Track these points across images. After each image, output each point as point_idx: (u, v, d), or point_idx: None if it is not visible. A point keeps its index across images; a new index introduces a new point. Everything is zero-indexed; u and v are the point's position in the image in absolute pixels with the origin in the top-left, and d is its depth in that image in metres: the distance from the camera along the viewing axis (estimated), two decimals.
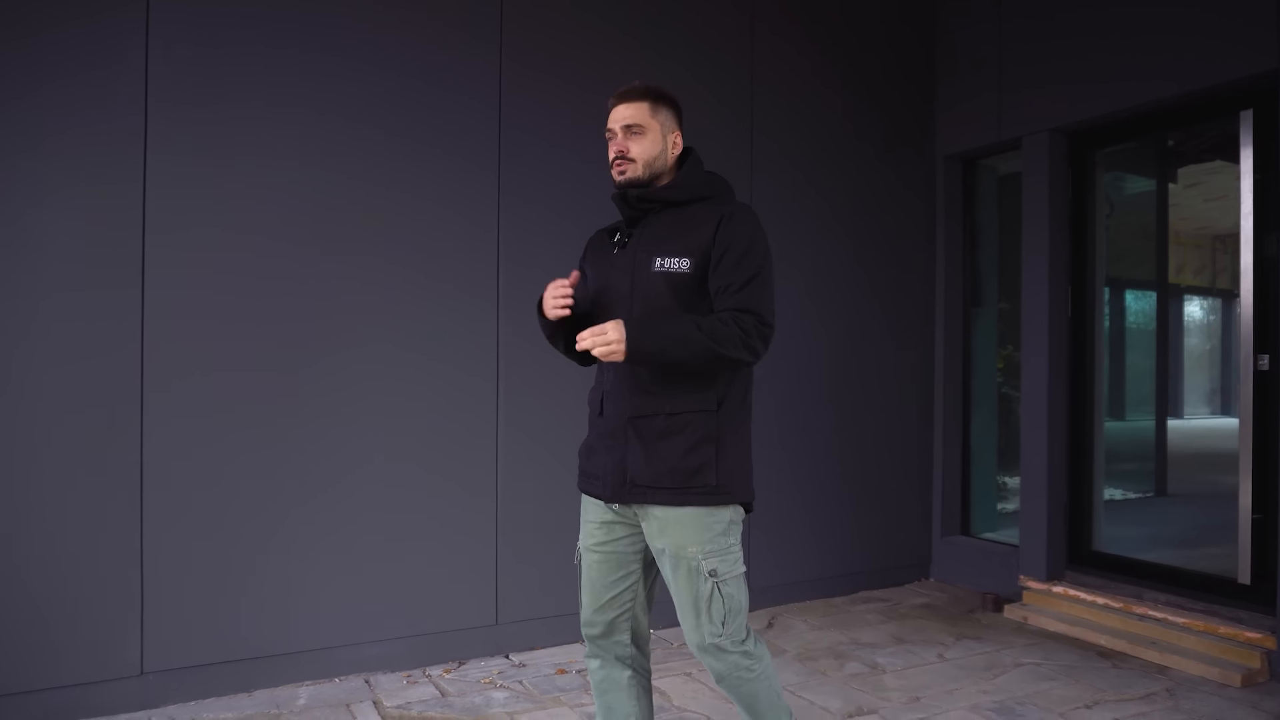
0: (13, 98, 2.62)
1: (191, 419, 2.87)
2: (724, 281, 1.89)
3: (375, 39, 3.16)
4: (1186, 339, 5.53)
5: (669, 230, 1.95)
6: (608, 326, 1.79)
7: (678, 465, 1.88)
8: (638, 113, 1.98)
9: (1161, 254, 5.70)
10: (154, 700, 2.82)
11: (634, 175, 1.98)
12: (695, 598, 1.87)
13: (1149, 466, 6.10)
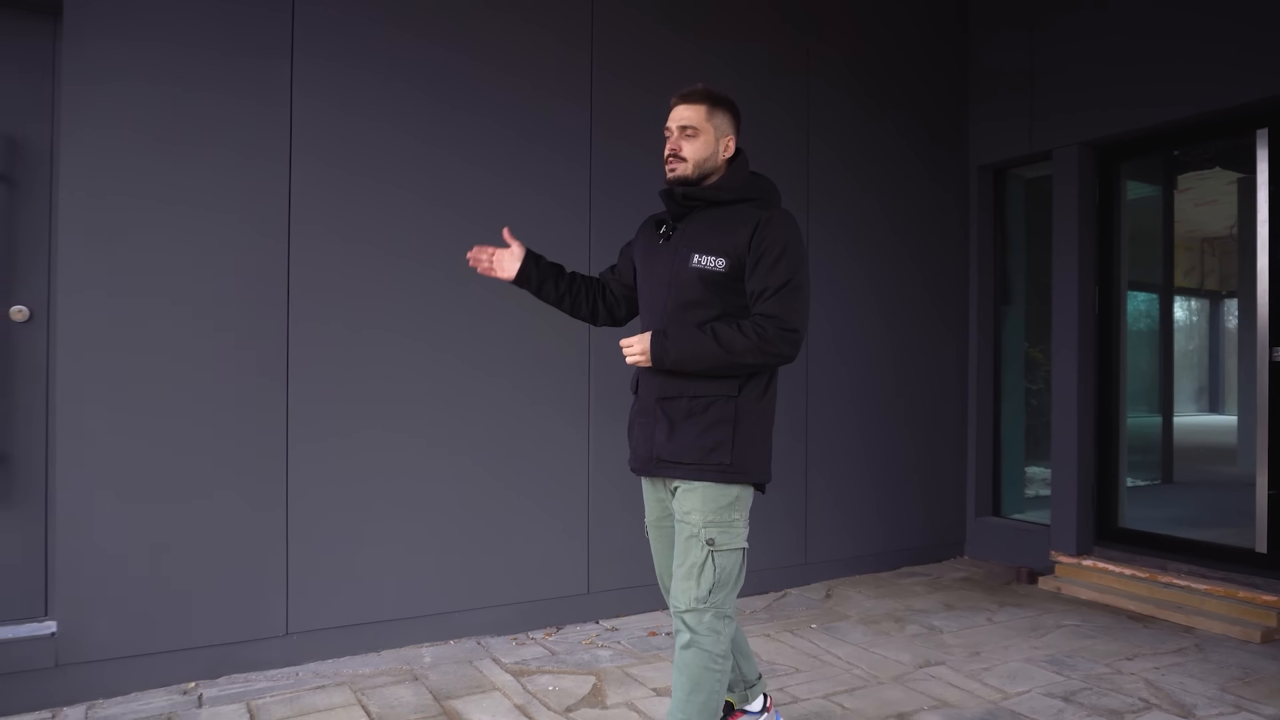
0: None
1: (329, 404, 3.18)
2: (758, 287, 2.03)
3: (484, 39, 3.47)
4: (1175, 339, 5.88)
5: (709, 229, 2.08)
6: (634, 340, 2.05)
7: (695, 443, 2.04)
8: (694, 115, 2.11)
9: (1167, 257, 6.12)
10: (297, 658, 3.13)
11: (683, 173, 2.12)
12: (690, 563, 2.02)
13: (1152, 458, 6.53)
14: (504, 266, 2.28)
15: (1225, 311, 10.59)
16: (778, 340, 1.99)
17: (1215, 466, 7.59)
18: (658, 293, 2.14)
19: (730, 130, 2.16)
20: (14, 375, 2.82)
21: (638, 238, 2.32)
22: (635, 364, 2.06)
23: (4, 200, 2.80)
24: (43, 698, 2.73)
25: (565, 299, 2.33)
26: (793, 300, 2.01)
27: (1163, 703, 2.84)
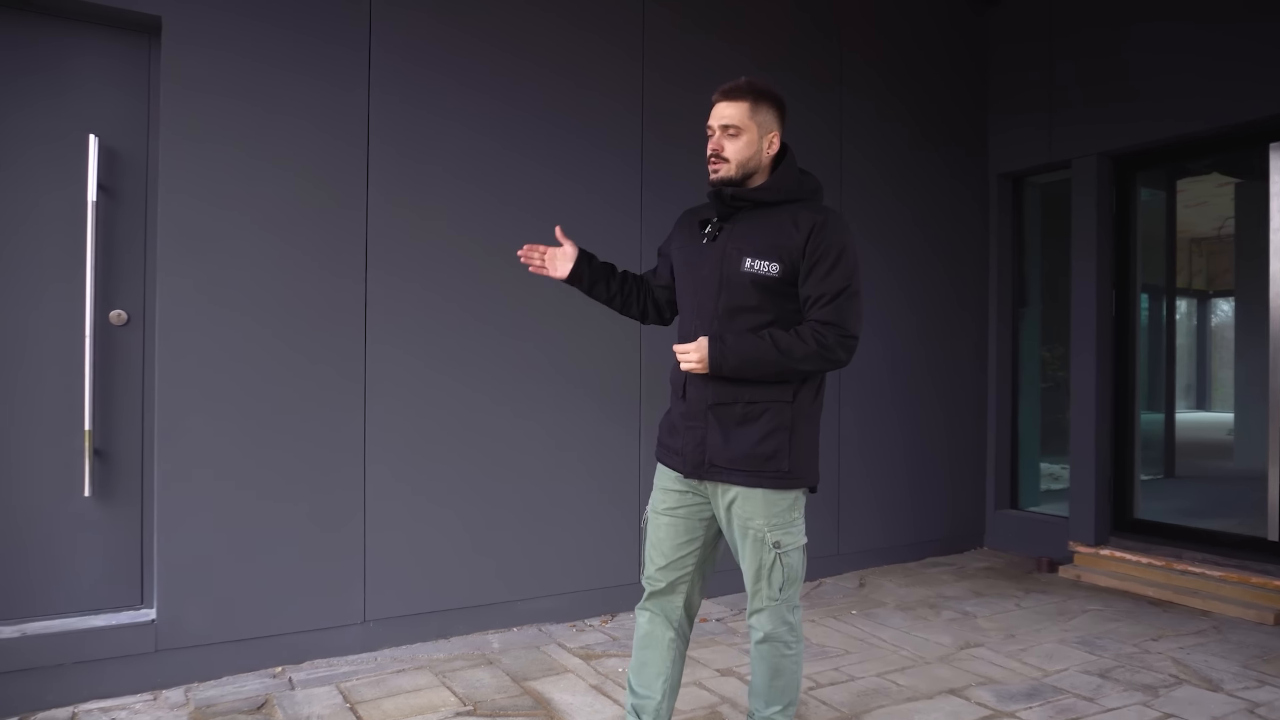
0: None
1: (403, 407, 3.34)
2: (814, 292, 1.99)
3: (544, 46, 3.64)
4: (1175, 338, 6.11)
5: (760, 230, 2.03)
6: (690, 347, 2.00)
7: (753, 451, 2.00)
8: (737, 113, 2.03)
9: (1170, 259, 6.36)
10: (374, 644, 3.29)
11: (726, 175, 2.05)
12: (759, 566, 2.03)
13: (1155, 453, 6.77)
14: (556, 266, 2.27)
15: (1212, 310, 10.89)
16: (837, 347, 1.97)
17: (1212, 461, 7.87)
18: (704, 296, 2.08)
19: (775, 126, 2.08)
20: (113, 376, 2.97)
21: (675, 235, 2.26)
22: (691, 370, 2.01)
23: (105, 210, 2.95)
24: (144, 680, 2.89)
25: (616, 298, 2.32)
26: (851, 306, 1.99)
27: (1191, 679, 3.05)
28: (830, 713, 2.74)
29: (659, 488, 2.20)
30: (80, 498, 2.90)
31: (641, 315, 2.39)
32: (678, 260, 2.21)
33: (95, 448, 2.92)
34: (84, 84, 2.92)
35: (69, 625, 2.82)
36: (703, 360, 1.99)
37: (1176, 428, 6.86)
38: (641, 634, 2.21)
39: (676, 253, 2.23)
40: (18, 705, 2.71)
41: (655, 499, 2.21)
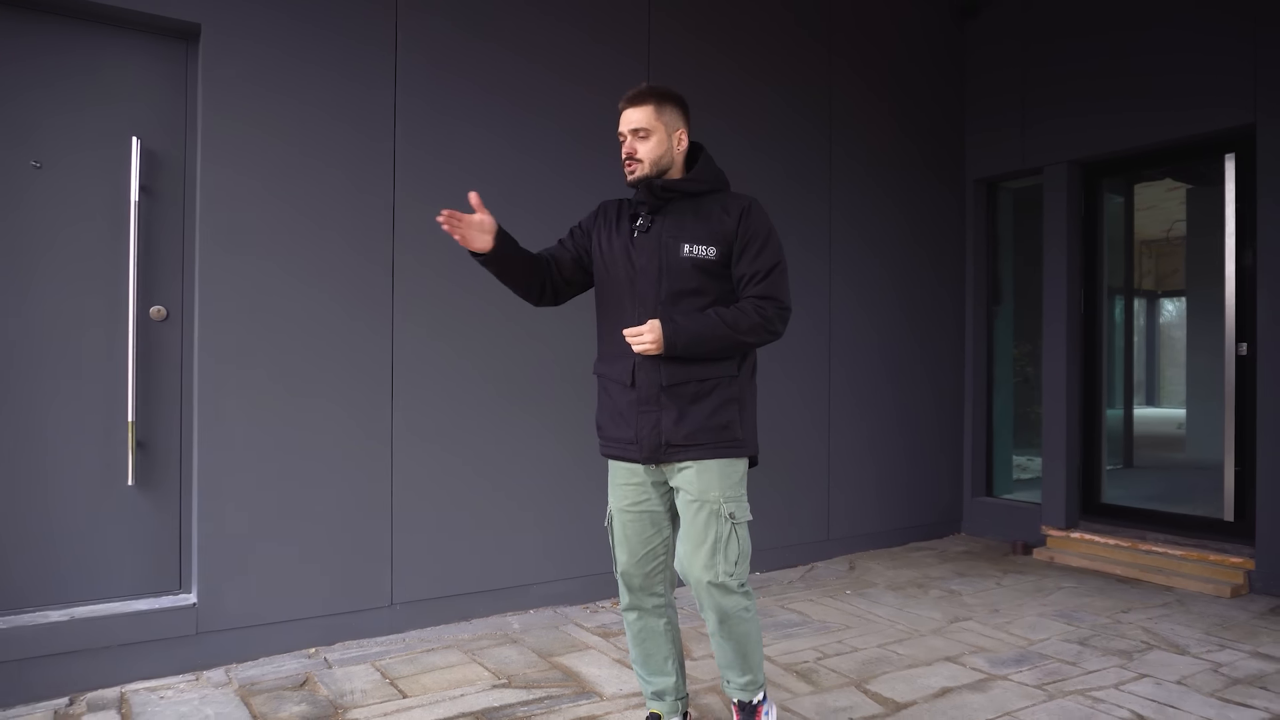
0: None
1: (426, 390, 3.49)
2: (749, 270, 2.15)
3: (556, 52, 3.82)
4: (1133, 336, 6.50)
5: (692, 219, 2.17)
6: (644, 329, 2.07)
7: (707, 423, 2.13)
8: (644, 116, 2.18)
9: (1128, 261, 6.73)
10: (401, 626, 3.44)
11: (642, 174, 2.19)
12: (715, 539, 2.11)
13: (1113, 445, 7.14)
14: (475, 238, 2.10)
15: (1159, 310, 11.41)
16: (776, 319, 2.14)
17: (1164, 453, 8.31)
18: (645, 284, 2.17)
19: (681, 124, 2.22)
20: (153, 369, 3.08)
21: (601, 221, 2.31)
22: (645, 352, 2.08)
23: (146, 210, 3.05)
24: (185, 662, 3.00)
25: (521, 282, 2.25)
26: (782, 280, 2.16)
27: (1161, 644, 3.34)
28: (840, 679, 2.96)
29: (616, 484, 2.28)
30: (123, 487, 3.01)
31: (539, 297, 2.31)
32: (605, 252, 2.26)
33: (137, 439, 3.02)
34: (126, 87, 3.03)
35: (114, 609, 2.93)
36: (657, 341, 2.06)
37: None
38: (634, 632, 2.32)
39: (604, 243, 2.27)
40: (66, 686, 2.81)
41: (615, 497, 2.28)
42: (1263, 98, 4.08)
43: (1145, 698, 2.80)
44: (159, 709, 2.70)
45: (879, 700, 2.78)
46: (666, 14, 4.14)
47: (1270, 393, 4.05)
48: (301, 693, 2.83)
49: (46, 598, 2.90)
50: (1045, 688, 2.89)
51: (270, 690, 2.85)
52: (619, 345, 2.20)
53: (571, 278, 2.35)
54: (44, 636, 2.78)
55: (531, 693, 2.83)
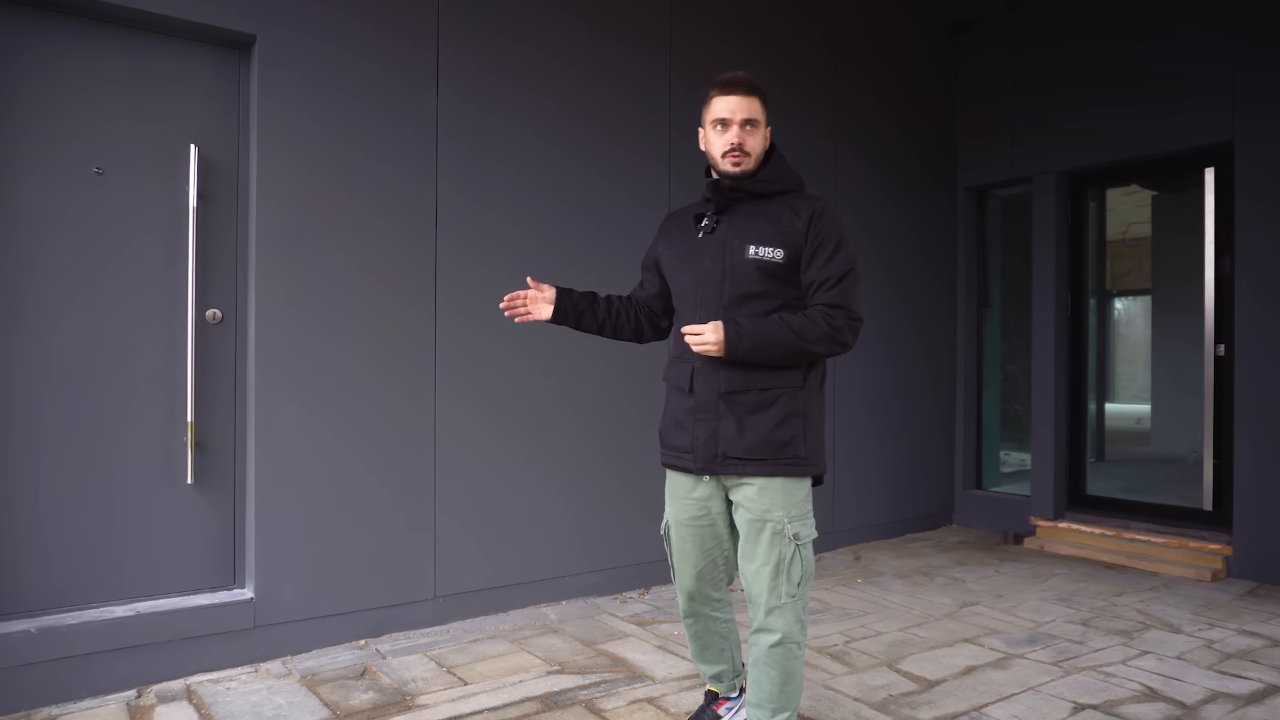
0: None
1: (468, 405, 3.62)
2: (819, 277, 2.03)
3: (587, 56, 3.96)
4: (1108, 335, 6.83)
5: (759, 220, 2.07)
6: (705, 328, 1.97)
7: (769, 437, 2.01)
8: (755, 108, 2.07)
9: (1100, 263, 7.07)
10: (443, 617, 3.56)
11: (748, 168, 2.08)
12: (779, 560, 2.01)
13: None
14: (539, 310, 2.25)
15: (1111, 309, 11.90)
16: (845, 330, 2.01)
17: (1130, 446, 8.72)
18: (708, 286, 2.09)
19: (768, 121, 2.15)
20: (208, 371, 3.16)
21: (662, 239, 2.29)
22: (705, 353, 1.99)
23: (203, 216, 3.13)
24: (243, 654, 3.10)
25: (606, 325, 2.31)
26: (854, 289, 2.05)
27: (1156, 624, 3.61)
28: (872, 660, 3.17)
29: (675, 497, 2.20)
30: (183, 486, 3.10)
31: (636, 334, 2.35)
32: (670, 259, 2.22)
33: (195, 439, 3.11)
34: (184, 96, 3.10)
35: (175, 604, 3.02)
36: (719, 342, 1.96)
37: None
38: (694, 633, 2.31)
39: (668, 253, 2.23)
40: (132, 679, 2.89)
41: (673, 510, 2.20)
42: (1240, 116, 4.38)
43: (1151, 672, 3.05)
44: (230, 700, 2.80)
45: (912, 678, 2.99)
46: (687, 20, 4.31)
47: (1247, 391, 4.35)
48: (364, 681, 2.95)
49: (111, 593, 2.98)
50: (1060, 664, 3.12)
51: (333, 680, 2.96)
52: (682, 349, 2.14)
53: (665, 306, 2.33)
54: (110, 631, 2.86)
55: (586, 677, 2.98)
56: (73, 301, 2.92)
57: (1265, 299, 4.29)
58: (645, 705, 2.74)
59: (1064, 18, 5.13)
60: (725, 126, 2.08)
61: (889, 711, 2.72)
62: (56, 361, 2.89)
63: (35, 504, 2.85)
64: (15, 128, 2.82)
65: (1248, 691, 2.88)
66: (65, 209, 2.90)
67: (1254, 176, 4.33)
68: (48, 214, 2.87)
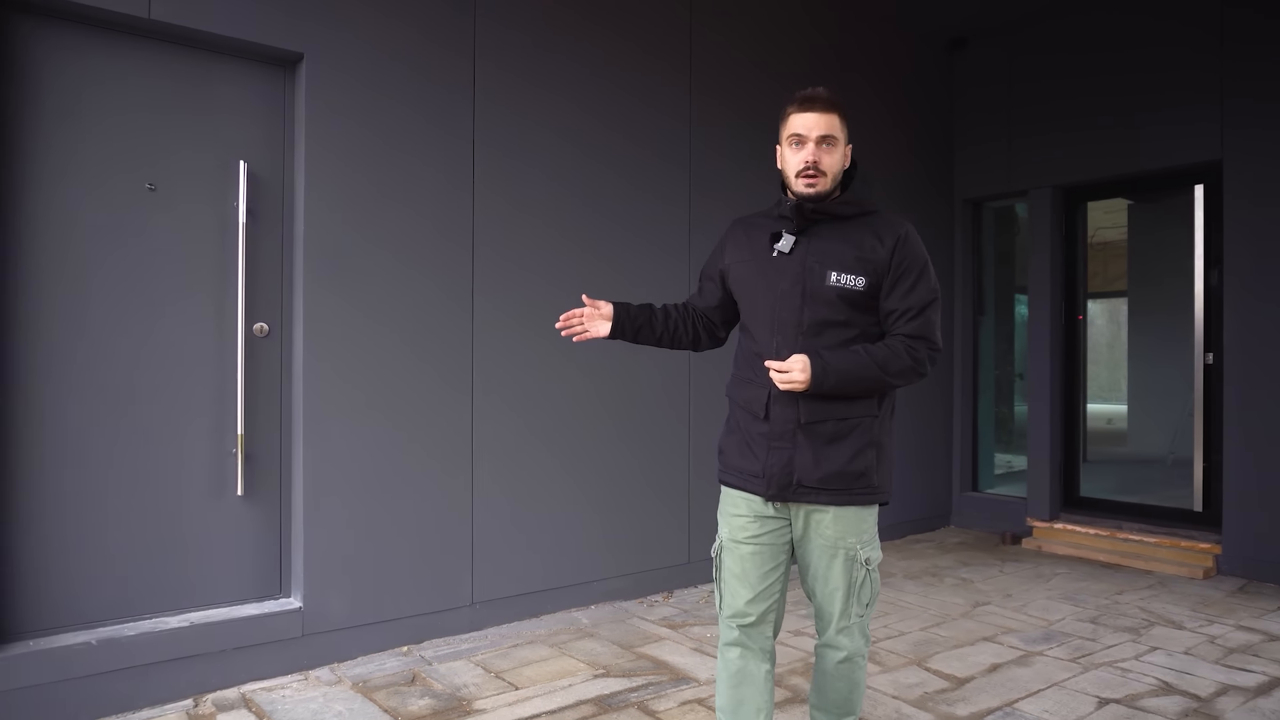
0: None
1: (503, 420, 3.70)
2: (900, 306, 1.98)
3: (616, 67, 4.06)
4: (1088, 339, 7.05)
5: (841, 244, 1.99)
6: (794, 365, 1.91)
7: (845, 469, 1.99)
8: (833, 125, 1.98)
9: (1083, 268, 7.30)
10: (481, 623, 3.64)
11: (823, 189, 1.99)
12: (850, 583, 2.02)
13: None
14: (596, 328, 2.19)
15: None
16: (927, 361, 1.99)
17: (1107, 447, 9.02)
18: (786, 311, 2.01)
19: (849, 139, 2.06)
20: (257, 384, 3.21)
21: (730, 249, 2.18)
22: (792, 389, 1.93)
23: (250, 230, 3.18)
24: (293, 663, 3.15)
25: (664, 337, 2.26)
26: (936, 319, 2.02)
27: (1160, 621, 3.81)
28: (901, 659, 3.32)
29: (733, 515, 2.10)
30: (233, 497, 3.14)
31: (694, 343, 2.30)
32: (742, 275, 2.12)
33: (245, 451, 3.15)
34: (233, 113, 3.15)
35: (226, 614, 3.07)
36: (807, 380, 1.91)
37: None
38: (733, 670, 2.10)
39: (739, 266, 2.13)
40: (188, 689, 2.94)
41: (733, 528, 2.10)
42: (1228, 136, 4.61)
43: (1164, 667, 3.24)
44: (288, 707, 2.86)
45: (942, 676, 3.14)
46: (706, 26, 4.42)
47: (1235, 398, 4.58)
48: (416, 688, 3.02)
49: (165, 604, 3.02)
50: (1078, 661, 3.30)
51: (385, 686, 3.03)
52: (754, 372, 2.07)
53: (724, 317, 2.27)
54: (167, 642, 2.90)
55: (632, 680, 3.08)
56: (128, 317, 2.95)
57: (1253, 310, 4.52)
58: (696, 706, 2.85)
59: (1059, 36, 5.34)
60: (800, 144, 2.00)
61: (927, 708, 2.86)
62: (111, 374, 2.92)
63: (91, 516, 2.89)
64: (73, 144, 2.85)
65: (1255, 684, 3.07)
66: (119, 224, 2.94)
67: (1242, 194, 4.56)
68: (103, 228, 2.91)
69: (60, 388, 2.84)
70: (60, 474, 2.83)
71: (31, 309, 2.79)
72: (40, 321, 2.80)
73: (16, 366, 2.76)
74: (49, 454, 2.82)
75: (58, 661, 2.71)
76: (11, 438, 2.75)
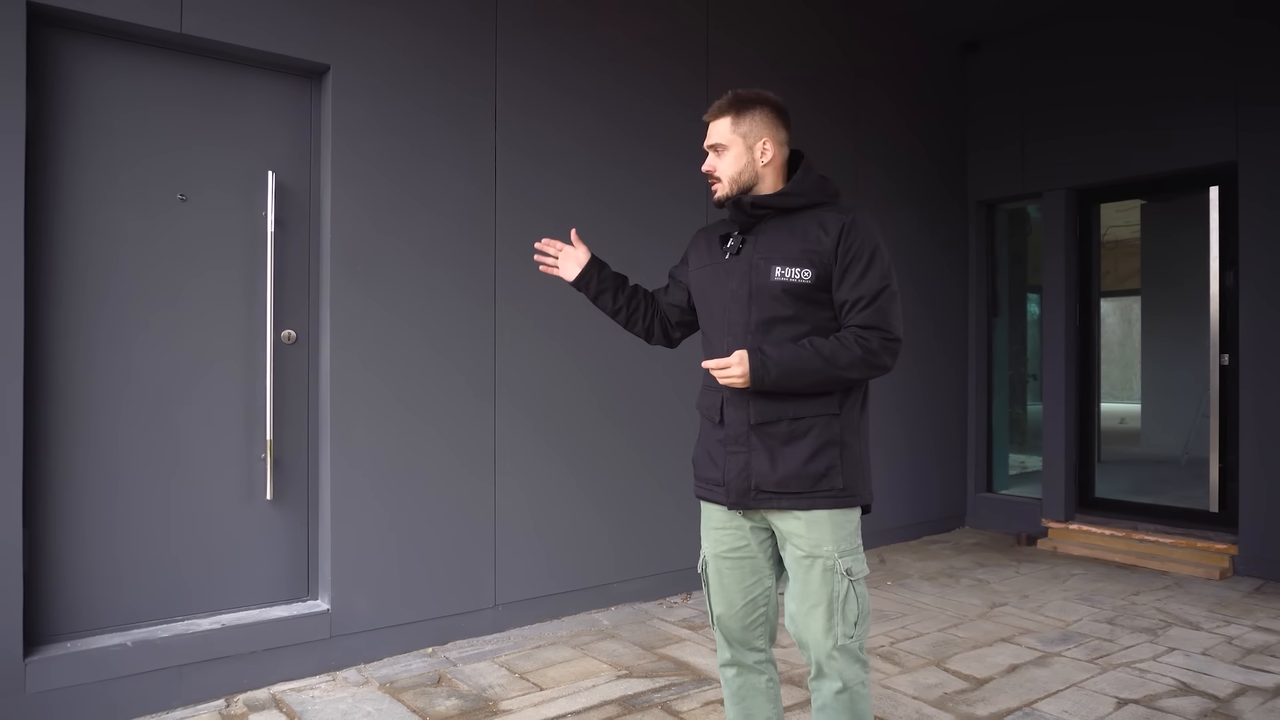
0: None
1: (521, 409, 3.75)
2: (851, 296, 1.89)
3: (636, 73, 4.11)
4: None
5: (786, 237, 1.93)
6: (731, 360, 1.85)
7: (803, 470, 1.89)
8: (719, 129, 1.99)
9: (1096, 268, 7.31)
10: (503, 625, 3.69)
11: (724, 194, 2.00)
12: (830, 597, 1.86)
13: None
14: (566, 268, 2.19)
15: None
16: (882, 352, 1.88)
17: (1120, 447, 9.02)
18: (735, 311, 1.97)
19: (765, 132, 1.98)
20: (285, 390, 3.27)
21: (692, 256, 2.17)
22: (731, 385, 1.88)
23: (279, 239, 3.24)
24: (321, 664, 3.21)
25: (622, 311, 2.23)
26: (891, 307, 1.91)
27: (1177, 622, 3.83)
28: (920, 660, 3.35)
29: (710, 529, 2.06)
30: (262, 501, 3.20)
31: (647, 333, 2.26)
32: (698, 281, 2.11)
33: (274, 456, 3.21)
34: (259, 123, 3.21)
35: (256, 616, 3.13)
36: (745, 374, 1.85)
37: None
38: (734, 688, 2.08)
39: (696, 274, 2.12)
40: (219, 690, 3.00)
41: (710, 542, 2.06)
42: (1243, 139, 4.62)
43: (1181, 667, 3.26)
44: (318, 708, 2.91)
45: (961, 677, 3.18)
46: (722, 31, 4.46)
47: (1251, 398, 4.60)
48: (442, 688, 3.07)
49: (196, 607, 3.08)
50: (1096, 661, 3.32)
51: (412, 687, 3.08)
52: (712, 379, 2.02)
53: (681, 319, 2.24)
54: (199, 643, 2.96)
55: (655, 681, 3.13)
56: (160, 326, 3.01)
57: (1269, 311, 4.53)
58: (719, 707, 2.89)
59: (1072, 37, 5.35)
60: None
61: (947, 709, 2.90)
62: (145, 380, 2.98)
63: (126, 520, 2.95)
64: (109, 156, 2.92)
65: (1273, 685, 3.09)
66: (152, 234, 3.00)
67: (1257, 196, 4.57)
68: (136, 238, 2.97)
69: (97, 392, 2.90)
70: (97, 478, 2.90)
71: (71, 316, 2.86)
72: (79, 328, 2.87)
73: (56, 372, 2.83)
74: (87, 458, 2.88)
75: (95, 662, 2.77)
76: (51, 442, 2.82)
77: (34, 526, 2.78)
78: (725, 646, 2.08)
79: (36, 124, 2.77)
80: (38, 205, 2.79)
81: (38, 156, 2.79)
